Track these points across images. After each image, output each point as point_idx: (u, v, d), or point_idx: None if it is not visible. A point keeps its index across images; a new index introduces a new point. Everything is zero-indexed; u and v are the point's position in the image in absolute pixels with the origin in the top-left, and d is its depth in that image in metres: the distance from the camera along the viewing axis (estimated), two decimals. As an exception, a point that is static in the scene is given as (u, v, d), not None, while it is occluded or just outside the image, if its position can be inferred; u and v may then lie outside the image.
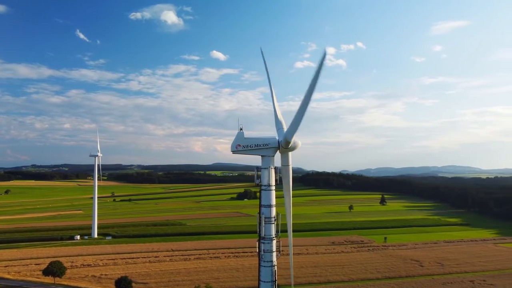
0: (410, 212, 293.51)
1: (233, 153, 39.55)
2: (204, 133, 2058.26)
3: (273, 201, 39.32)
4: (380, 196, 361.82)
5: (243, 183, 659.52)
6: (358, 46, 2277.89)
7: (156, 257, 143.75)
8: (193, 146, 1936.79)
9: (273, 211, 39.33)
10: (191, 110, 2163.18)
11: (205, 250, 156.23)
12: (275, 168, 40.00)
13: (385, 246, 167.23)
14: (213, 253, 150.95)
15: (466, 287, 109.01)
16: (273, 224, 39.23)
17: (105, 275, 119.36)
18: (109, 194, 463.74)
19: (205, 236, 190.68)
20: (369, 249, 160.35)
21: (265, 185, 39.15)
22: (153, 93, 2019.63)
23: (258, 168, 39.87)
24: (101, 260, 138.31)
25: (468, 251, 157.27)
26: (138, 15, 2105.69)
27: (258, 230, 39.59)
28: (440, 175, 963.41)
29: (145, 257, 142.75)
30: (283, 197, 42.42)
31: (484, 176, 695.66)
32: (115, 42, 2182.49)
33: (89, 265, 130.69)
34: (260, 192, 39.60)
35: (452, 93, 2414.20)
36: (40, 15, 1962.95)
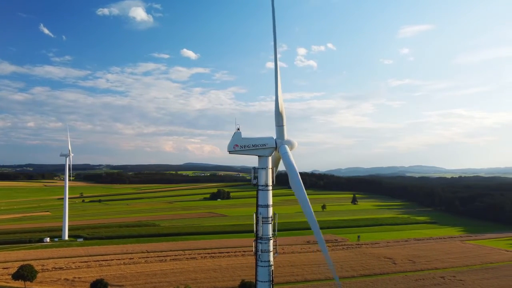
0: (380, 211, 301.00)
1: (229, 153, 39.48)
2: (174, 133, 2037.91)
3: (270, 201, 39.50)
4: (352, 195, 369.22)
5: (216, 183, 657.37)
6: (329, 47, 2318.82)
7: (130, 258, 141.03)
8: (163, 146, 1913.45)
9: (270, 211, 39.53)
10: (161, 109, 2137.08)
11: (180, 251, 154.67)
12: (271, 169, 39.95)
13: (358, 244, 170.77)
14: (189, 254, 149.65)
15: (438, 283, 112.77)
16: (270, 224, 39.42)
17: (79, 278, 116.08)
18: (78, 195, 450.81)
19: (180, 236, 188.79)
20: (343, 248, 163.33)
21: (262, 185, 39.32)
22: (122, 91, 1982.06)
23: (255, 169, 39.93)
24: (74, 262, 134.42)
25: (437, 248, 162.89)
26: (105, 11, 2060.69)
27: (255, 230, 39.69)
28: (407, 175, 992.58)
29: (119, 259, 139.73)
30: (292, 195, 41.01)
31: (448, 176, 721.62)
32: (81, 38, 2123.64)
33: (61, 268, 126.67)
34: (257, 192, 39.71)
35: (418, 95, 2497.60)
36: (1, 8, 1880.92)
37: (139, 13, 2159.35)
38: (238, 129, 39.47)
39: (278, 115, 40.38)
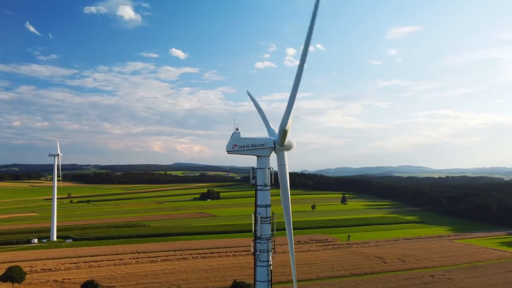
0: (369, 211, 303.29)
1: (228, 153, 39.40)
2: (163, 133, 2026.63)
3: (269, 201, 39.56)
4: (341, 195, 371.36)
5: (205, 183, 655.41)
6: (318, 48, 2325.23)
7: (121, 259, 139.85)
8: (152, 146, 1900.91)
9: (269, 210, 39.58)
10: (150, 108, 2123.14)
11: (171, 252, 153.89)
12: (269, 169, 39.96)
13: (349, 244, 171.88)
14: (180, 255, 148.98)
15: (427, 282, 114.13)
16: (269, 224, 39.46)
17: (68, 279, 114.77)
18: (66, 195, 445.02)
19: (170, 237, 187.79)
20: (334, 247, 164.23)
21: (261, 185, 39.34)
22: (109, 90, 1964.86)
23: (254, 169, 39.94)
24: (63, 264, 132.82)
25: (426, 248, 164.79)
26: (92, 9, 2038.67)
27: (253, 230, 39.70)
28: (395, 175, 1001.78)
29: (109, 260, 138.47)
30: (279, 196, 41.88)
31: (436, 176, 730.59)
32: (68, 36, 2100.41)
33: (50, 270, 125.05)
34: (256, 192, 39.71)
35: (406, 95, 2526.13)
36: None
37: (127, 12, 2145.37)
38: (237, 129, 39.42)
39: (283, 132, 38.81)
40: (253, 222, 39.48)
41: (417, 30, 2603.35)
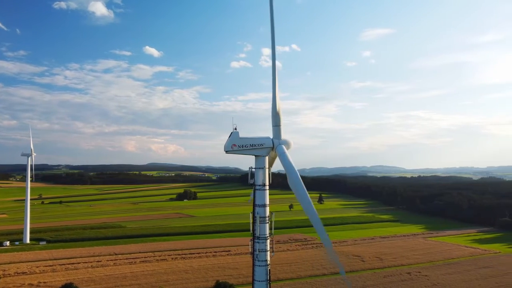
0: (345, 210, 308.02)
1: (226, 153, 39.29)
2: (137, 132, 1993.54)
3: (267, 201, 39.70)
4: (318, 195, 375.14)
5: (182, 183, 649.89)
6: (293, 48, 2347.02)
7: (98, 261, 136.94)
8: (126, 146, 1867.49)
9: (267, 210, 39.73)
10: (123, 107, 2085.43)
11: (150, 253, 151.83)
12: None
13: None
14: (159, 256, 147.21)
15: (405, 279, 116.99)
16: (267, 224, 39.62)
17: (44, 282, 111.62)
18: (37, 196, 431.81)
19: (149, 238, 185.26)
20: (313, 247, 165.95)
21: (259, 185, 39.43)
22: (81, 89, 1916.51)
23: (252, 169, 40.00)
24: (37, 267, 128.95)
25: (402, 246, 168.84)
26: (62, 4, 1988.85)
27: (251, 229, 39.75)
28: (369, 174, 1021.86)
29: (86, 262, 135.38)
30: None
31: (408, 176, 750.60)
32: (37, 32, 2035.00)
33: (24, 273, 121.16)
34: (254, 192, 39.77)
35: (380, 97, 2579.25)
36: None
37: (99, 8, 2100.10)
38: (235, 129, 39.39)
39: (276, 116, 40.68)
40: (251, 222, 39.57)
41: (390, 32, 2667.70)
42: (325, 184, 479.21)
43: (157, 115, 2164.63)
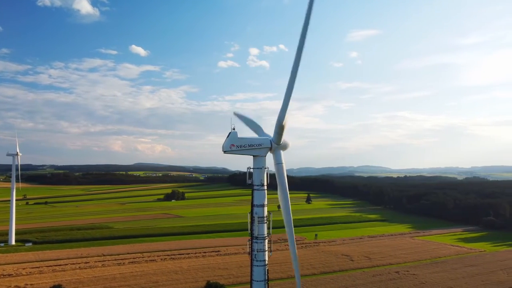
0: (334, 210, 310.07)
1: (224, 153, 39.30)
2: (124, 132, 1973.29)
3: (266, 201, 39.86)
4: (306, 195, 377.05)
5: (169, 183, 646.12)
6: (281, 48, 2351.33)
7: (86, 263, 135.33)
8: (112, 146, 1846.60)
9: (265, 210, 39.89)
10: (109, 107, 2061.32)
11: (139, 254, 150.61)
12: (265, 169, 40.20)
13: (316, 242, 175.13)
14: (148, 256, 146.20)
15: (393, 278, 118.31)
16: (266, 224, 39.77)
17: (31, 284, 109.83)
18: (21, 197, 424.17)
19: (137, 239, 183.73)
20: (302, 246, 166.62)
21: (257, 185, 39.53)
22: (66, 88, 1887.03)
23: (250, 169, 40.08)
24: (24, 268, 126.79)
25: (390, 245, 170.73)
26: (46, 1, 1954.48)
27: (250, 229, 39.83)
28: (356, 174, 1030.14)
29: (74, 264, 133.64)
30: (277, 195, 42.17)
31: (395, 175, 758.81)
32: (20, 30, 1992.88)
33: (10, 275, 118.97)
34: (252, 192, 39.86)
35: (366, 97, 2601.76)
36: None
37: (84, 6, 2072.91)
38: (234, 129, 39.44)
39: (280, 127, 39.69)
40: (249, 222, 39.65)
41: (376, 33, 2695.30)
42: (313, 184, 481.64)
43: (144, 115, 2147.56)
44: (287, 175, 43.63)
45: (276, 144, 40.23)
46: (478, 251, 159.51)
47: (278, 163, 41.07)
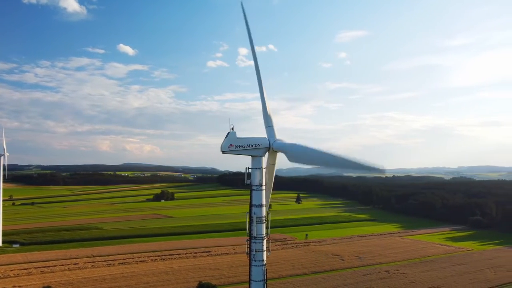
0: (323, 210, 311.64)
1: (223, 153, 39.28)
2: (111, 132, 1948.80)
3: (264, 201, 39.97)
4: (296, 195, 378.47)
5: (158, 183, 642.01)
6: (270, 48, 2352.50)
7: (75, 264, 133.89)
8: (99, 145, 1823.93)
9: (264, 210, 39.99)
10: (97, 106, 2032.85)
11: (129, 254, 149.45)
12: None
13: (307, 242, 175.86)
14: (138, 257, 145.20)
15: (384, 277, 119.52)
16: (264, 224, 39.88)
17: (19, 286, 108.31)
18: (7, 197, 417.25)
19: (126, 239, 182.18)
20: (293, 246, 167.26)
21: (256, 185, 39.61)
22: (52, 87, 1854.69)
23: (248, 169, 40.13)
24: (11, 270, 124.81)
25: (379, 244, 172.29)
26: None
27: (248, 229, 39.90)
28: (345, 174, 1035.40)
29: (63, 265, 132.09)
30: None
31: (383, 175, 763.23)
32: (6, 28, 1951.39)
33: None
34: (250, 192, 39.91)
35: (355, 98, 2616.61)
36: None
37: (71, 4, 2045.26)
38: (232, 129, 39.45)
39: (267, 116, 41.48)
40: (247, 222, 39.74)
41: (364, 34, 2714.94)
42: (303, 184, 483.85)
43: (132, 115, 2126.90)
44: (276, 175, 44.60)
45: (272, 139, 40.68)
46: (466, 250, 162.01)
47: (272, 163, 41.47)
